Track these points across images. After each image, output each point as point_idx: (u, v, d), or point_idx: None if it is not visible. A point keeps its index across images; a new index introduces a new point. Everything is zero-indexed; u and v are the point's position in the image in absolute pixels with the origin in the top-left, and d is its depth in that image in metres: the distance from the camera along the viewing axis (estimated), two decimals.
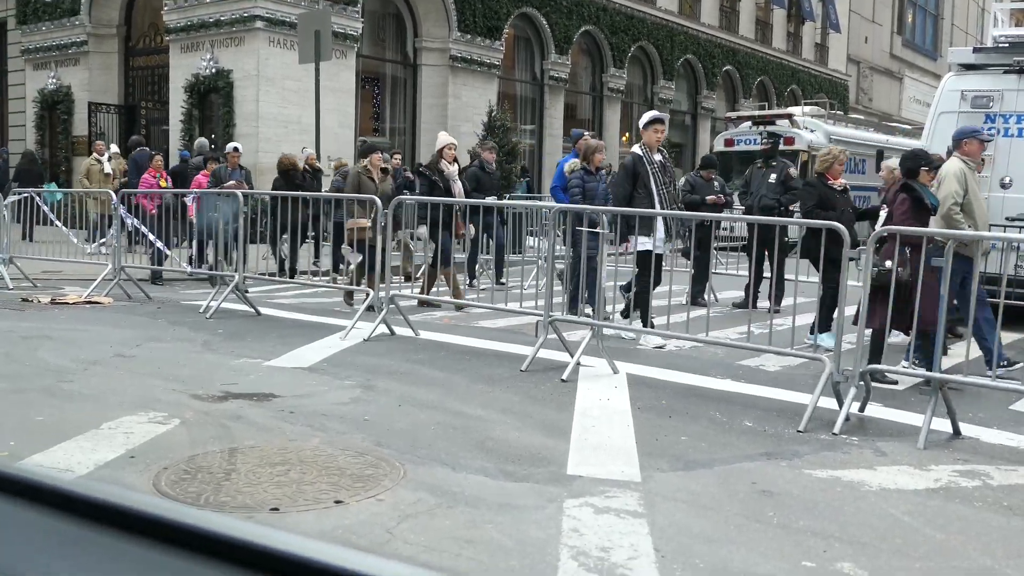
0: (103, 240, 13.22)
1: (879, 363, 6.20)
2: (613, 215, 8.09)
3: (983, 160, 10.61)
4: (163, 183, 13.20)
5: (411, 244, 11.93)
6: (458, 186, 11.03)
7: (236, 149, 13.81)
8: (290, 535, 0.62)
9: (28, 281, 11.51)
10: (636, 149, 9.03)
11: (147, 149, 16.55)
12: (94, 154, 17.02)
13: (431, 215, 9.90)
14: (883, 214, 7.68)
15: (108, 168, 16.55)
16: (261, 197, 11.67)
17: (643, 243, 8.21)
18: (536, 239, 13.25)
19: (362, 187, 10.35)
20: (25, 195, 12.56)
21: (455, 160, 11.22)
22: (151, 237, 11.62)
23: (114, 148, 18.27)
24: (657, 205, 8.67)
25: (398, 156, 16.43)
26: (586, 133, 11.73)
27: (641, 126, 9.22)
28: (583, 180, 9.73)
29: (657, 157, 9.01)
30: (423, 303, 10.37)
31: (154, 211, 11.82)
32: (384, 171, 10.92)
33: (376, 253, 8.82)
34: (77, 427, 5.02)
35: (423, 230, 10.42)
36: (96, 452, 4.60)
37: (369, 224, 9.41)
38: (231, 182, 12.66)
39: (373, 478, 4.34)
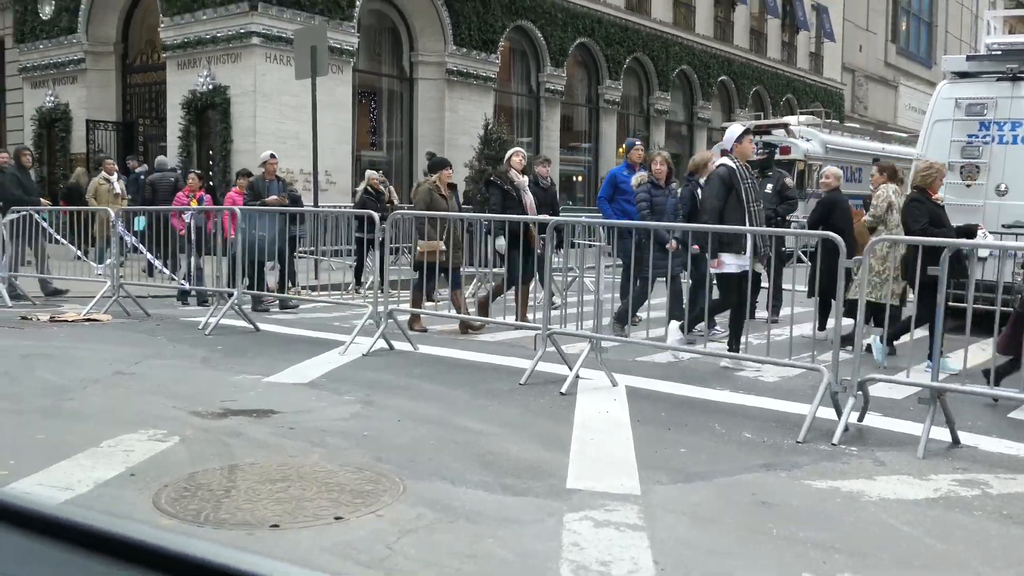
0: (109, 261, 12.95)
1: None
2: (695, 232, 8.02)
3: (977, 168, 10.68)
4: (195, 203, 12.36)
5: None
6: (529, 197, 10.36)
7: (273, 156, 12.37)
8: (271, 561, 0.63)
9: (27, 299, 11.52)
10: (728, 161, 8.38)
11: (171, 171, 16.08)
12: (103, 173, 16.69)
13: (507, 229, 9.40)
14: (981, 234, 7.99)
15: (117, 188, 16.26)
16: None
17: (731, 263, 7.92)
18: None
19: (433, 205, 9.74)
20: (24, 213, 12.56)
21: (524, 171, 10.61)
22: (149, 256, 11.63)
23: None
24: (747, 221, 8.12)
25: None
26: (637, 142, 11.29)
27: (734, 139, 8.50)
28: (651, 194, 9.41)
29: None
30: (466, 328, 9.87)
31: (183, 231, 11.29)
32: (451, 187, 10.42)
33: (452, 275, 8.94)
34: (77, 445, 5.03)
35: (500, 242, 9.97)
36: (96, 470, 4.60)
37: (443, 247, 9.09)
38: (273, 197, 11.90)
39: (373, 494, 4.34)
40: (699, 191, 9.25)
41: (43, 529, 0.69)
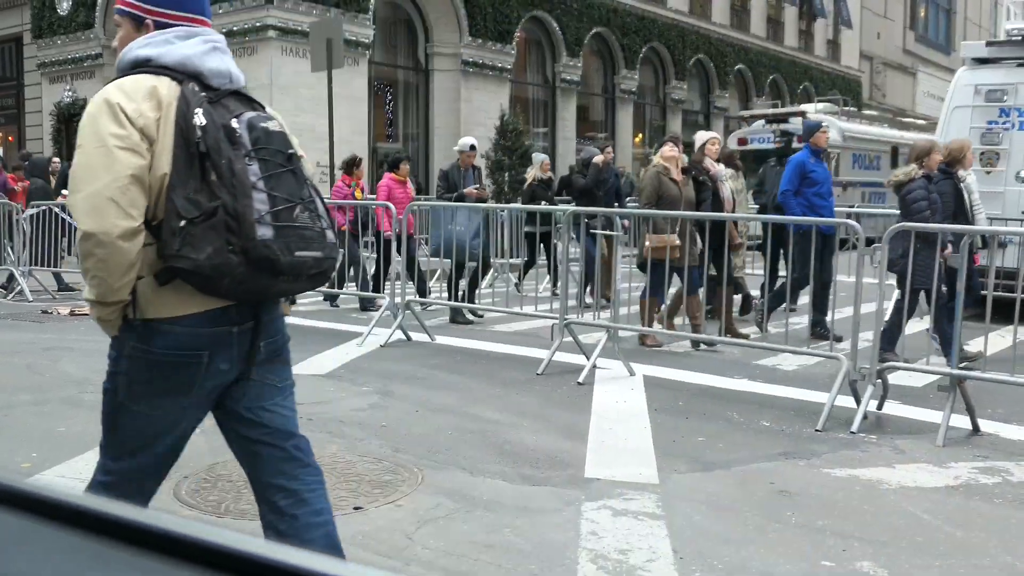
0: None
1: None
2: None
3: (997, 154, 10.59)
4: (359, 193, 11.46)
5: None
6: (727, 189, 9.15)
7: (473, 147, 10.87)
8: (296, 550, 0.63)
9: (48, 293, 11.61)
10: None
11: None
12: None
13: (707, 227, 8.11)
14: None
15: None
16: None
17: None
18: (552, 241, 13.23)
19: (664, 191, 8.01)
20: (44, 208, 12.64)
21: (719, 159, 9.36)
22: None
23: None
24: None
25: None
26: (823, 123, 9.70)
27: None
28: (927, 190, 7.71)
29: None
30: (648, 343, 8.37)
31: (345, 226, 10.23)
32: (685, 171, 8.53)
33: (688, 275, 7.66)
34: (98, 438, 5.05)
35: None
36: None
37: (678, 242, 7.62)
38: (471, 188, 10.55)
39: (391, 484, 4.36)
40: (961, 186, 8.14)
41: (68, 519, 0.70)
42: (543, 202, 11.94)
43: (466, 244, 9.17)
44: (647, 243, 7.72)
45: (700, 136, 9.50)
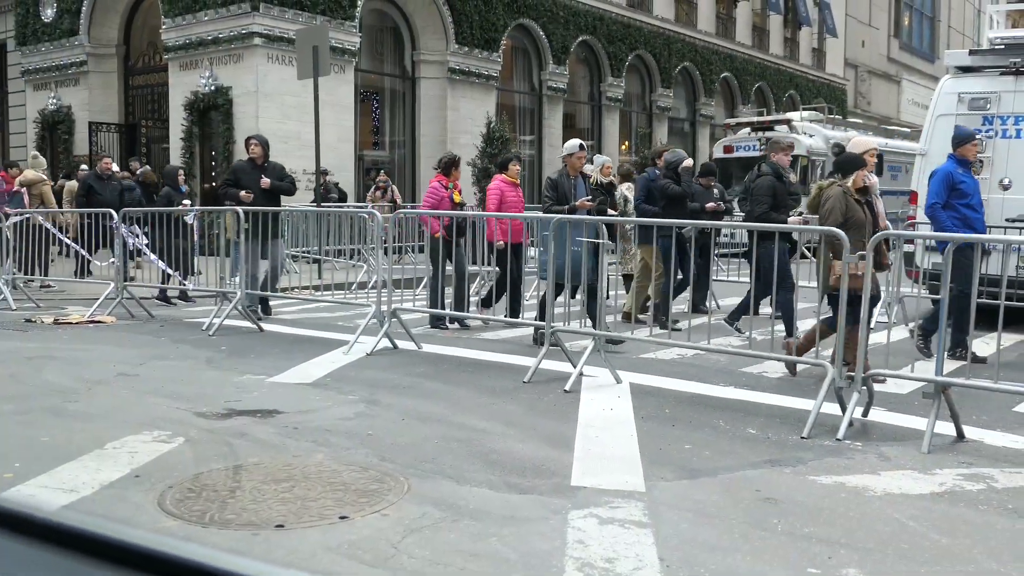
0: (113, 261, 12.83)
1: None
2: None
3: (981, 162, 10.65)
4: (457, 196, 10.37)
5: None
6: (881, 202, 8.55)
7: (582, 147, 9.61)
8: (271, 565, 0.63)
9: (31, 302, 11.54)
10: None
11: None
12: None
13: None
14: None
15: None
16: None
17: None
18: (536, 250, 13.24)
19: (850, 213, 6.95)
20: (27, 216, 12.58)
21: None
22: (152, 258, 11.65)
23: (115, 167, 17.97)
24: None
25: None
26: (976, 135, 9.06)
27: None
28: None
29: None
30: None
31: (439, 232, 9.66)
32: (862, 191, 7.33)
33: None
34: (82, 447, 5.03)
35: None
36: (101, 472, 4.60)
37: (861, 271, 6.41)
38: (584, 200, 9.25)
39: (377, 493, 4.34)
40: None
41: (43, 535, 0.69)
42: (603, 212, 10.48)
43: (583, 267, 7.77)
44: (835, 270, 6.66)
45: (857, 144, 8.94)
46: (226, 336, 9.21)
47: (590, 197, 9.38)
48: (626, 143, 30.56)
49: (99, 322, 10.11)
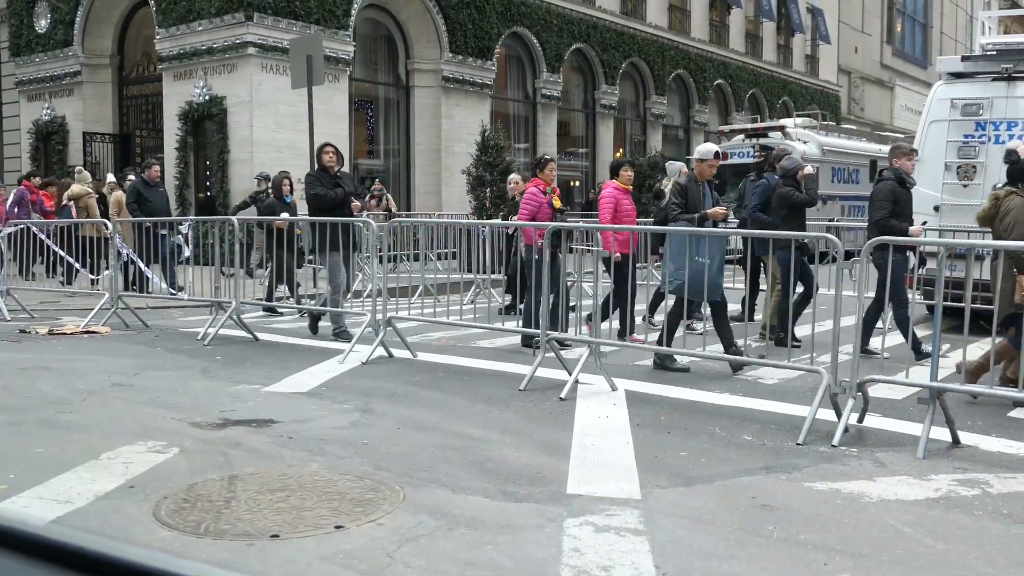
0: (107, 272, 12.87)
1: None
2: None
3: (973, 167, 10.69)
4: (557, 201, 9.52)
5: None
6: None
7: (717, 155, 8.90)
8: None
9: (26, 312, 11.52)
10: None
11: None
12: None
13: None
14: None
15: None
16: None
17: None
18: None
19: None
20: (22, 227, 12.56)
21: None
22: (141, 266, 11.63)
23: (110, 177, 17.90)
24: None
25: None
26: None
27: None
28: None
29: None
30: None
31: (536, 242, 8.58)
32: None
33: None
34: (76, 458, 5.02)
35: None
36: (95, 483, 4.59)
37: None
38: (717, 209, 8.66)
39: (373, 502, 4.33)
40: None
41: (33, 551, 0.68)
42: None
43: (711, 280, 7.29)
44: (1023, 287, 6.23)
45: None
46: (221, 346, 9.19)
47: (722, 206, 8.90)
48: (620, 150, 30.59)
49: (94, 332, 10.09)
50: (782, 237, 7.91)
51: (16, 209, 15.13)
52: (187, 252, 12.81)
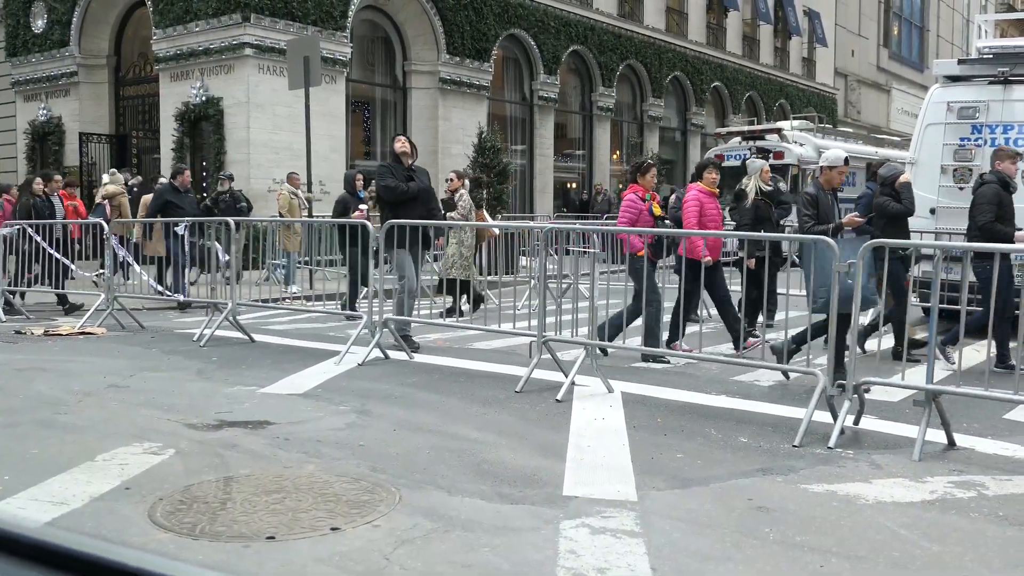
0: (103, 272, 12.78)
1: None
2: None
3: (969, 170, 10.71)
4: (657, 209, 8.92)
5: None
6: None
7: (847, 162, 8.56)
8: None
9: (22, 313, 11.50)
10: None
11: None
12: (288, 186, 15.96)
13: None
14: None
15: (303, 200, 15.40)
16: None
17: None
18: (528, 259, 13.27)
19: None
20: (17, 227, 12.54)
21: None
22: (137, 268, 11.62)
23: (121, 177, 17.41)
24: None
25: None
26: None
27: None
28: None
29: None
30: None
31: (642, 251, 8.30)
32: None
33: None
34: (72, 459, 5.01)
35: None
36: (91, 484, 4.58)
37: None
38: (852, 216, 8.35)
39: (369, 504, 4.33)
40: None
41: (27, 554, 0.68)
42: (767, 223, 9.70)
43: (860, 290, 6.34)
44: None
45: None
46: (217, 347, 9.18)
47: (857, 213, 8.51)
48: (617, 152, 30.62)
49: (89, 334, 10.07)
50: (773, 239, 7.90)
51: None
52: (224, 257, 12.63)
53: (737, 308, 9.26)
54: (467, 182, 12.74)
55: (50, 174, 13.45)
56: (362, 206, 11.45)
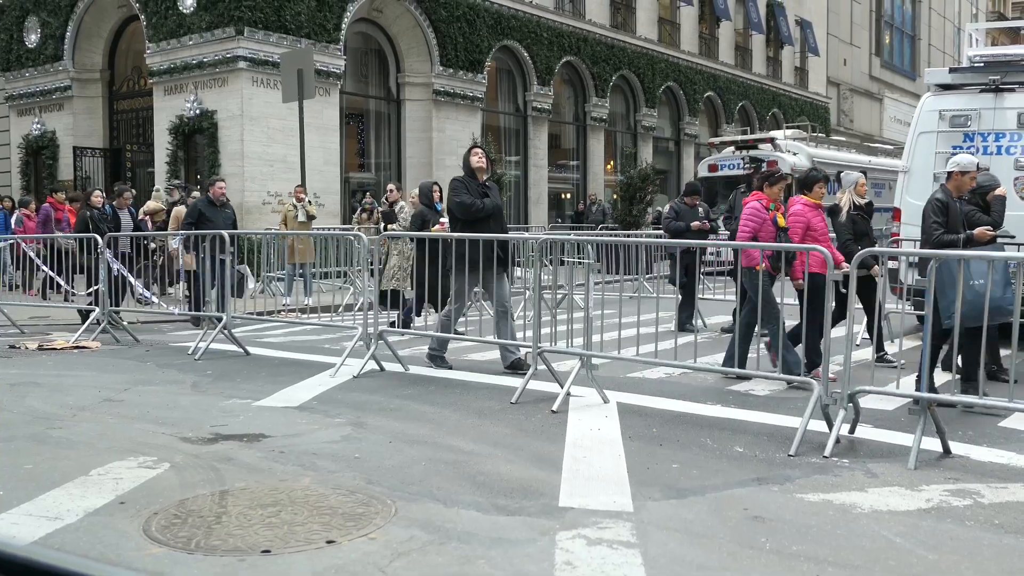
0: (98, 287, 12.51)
1: None
2: None
3: None
4: (781, 220, 8.31)
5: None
6: None
7: (979, 168, 8.30)
8: None
9: (15, 328, 11.47)
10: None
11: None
12: (293, 199, 15.66)
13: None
14: None
15: (301, 215, 15.06)
16: None
17: None
18: (523, 270, 13.28)
19: None
20: (11, 242, 12.54)
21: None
22: (133, 281, 11.60)
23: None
24: None
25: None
26: None
27: None
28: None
29: None
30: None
31: (761, 264, 7.86)
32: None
33: None
34: (66, 474, 5.00)
35: None
36: (86, 499, 4.57)
37: None
38: (983, 229, 7.81)
39: (365, 516, 4.32)
40: None
41: (15, 572, 0.68)
42: (864, 237, 9.10)
43: (995, 302, 6.00)
44: None
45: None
46: (212, 360, 9.17)
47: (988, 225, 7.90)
48: (611, 163, 30.67)
49: (84, 347, 10.06)
50: (766, 248, 7.85)
51: (43, 228, 15.20)
52: (251, 284, 12.51)
53: (733, 318, 9.24)
54: (413, 193, 12.44)
55: (123, 189, 13.24)
56: (443, 219, 10.68)
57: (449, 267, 8.59)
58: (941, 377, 6.97)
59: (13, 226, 16.79)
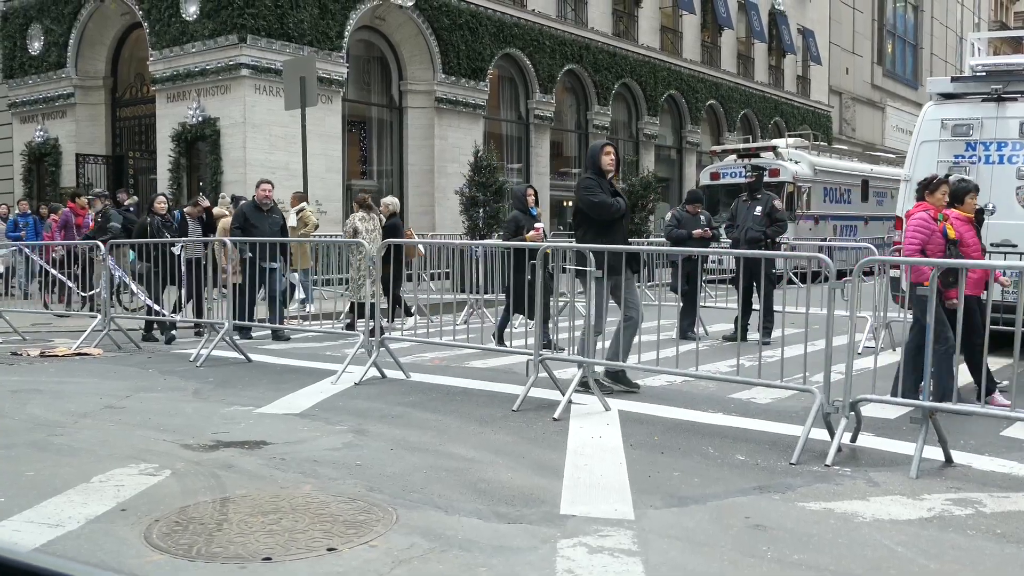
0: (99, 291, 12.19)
1: None
2: None
3: None
4: (951, 231, 7.44)
5: None
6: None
7: None
8: None
9: (17, 335, 11.48)
10: None
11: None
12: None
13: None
14: None
15: (292, 220, 14.60)
16: None
17: None
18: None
19: None
20: (14, 248, 12.55)
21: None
22: (134, 287, 11.61)
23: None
24: None
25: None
26: None
27: None
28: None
29: None
30: None
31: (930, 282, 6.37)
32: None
33: None
34: (68, 481, 5.00)
35: None
36: (87, 506, 4.57)
37: None
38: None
39: (366, 524, 4.32)
40: None
41: None
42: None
43: None
44: None
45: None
46: (214, 367, 9.17)
47: None
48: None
49: (86, 354, 10.06)
50: (769, 255, 7.88)
51: (63, 233, 15.15)
52: (300, 294, 12.28)
53: (735, 326, 9.25)
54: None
55: (198, 201, 12.79)
56: (538, 224, 10.20)
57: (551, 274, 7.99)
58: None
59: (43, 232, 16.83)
